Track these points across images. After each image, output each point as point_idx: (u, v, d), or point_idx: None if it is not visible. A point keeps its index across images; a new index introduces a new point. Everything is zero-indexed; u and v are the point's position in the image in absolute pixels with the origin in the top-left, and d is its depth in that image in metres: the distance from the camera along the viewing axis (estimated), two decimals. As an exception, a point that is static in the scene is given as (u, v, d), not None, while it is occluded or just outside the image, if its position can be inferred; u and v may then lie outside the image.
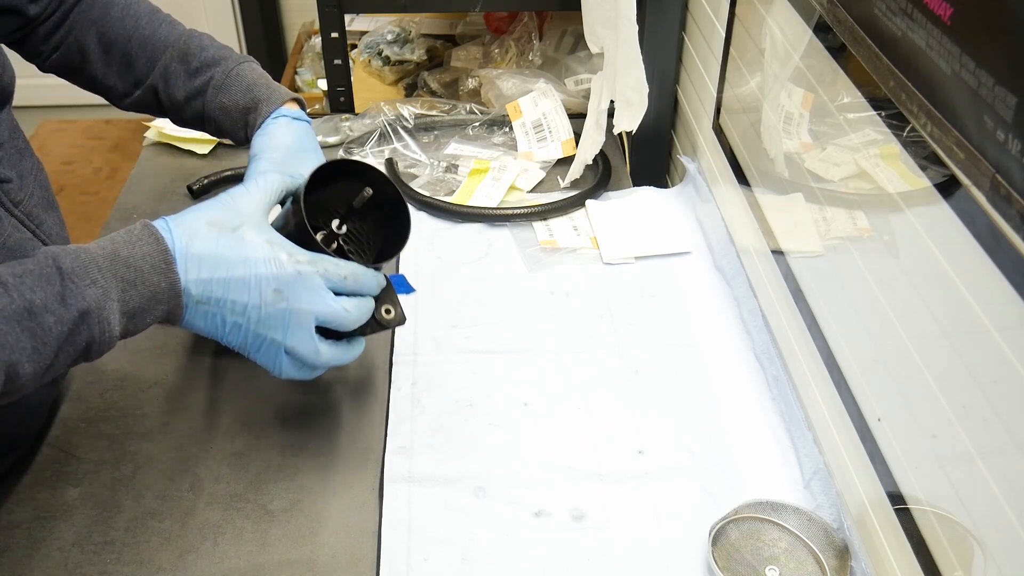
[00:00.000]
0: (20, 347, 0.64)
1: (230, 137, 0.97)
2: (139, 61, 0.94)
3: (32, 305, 0.64)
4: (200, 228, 0.73)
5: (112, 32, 0.94)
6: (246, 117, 0.93)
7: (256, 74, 0.96)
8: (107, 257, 0.69)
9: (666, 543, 0.81)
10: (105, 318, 0.68)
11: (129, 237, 0.71)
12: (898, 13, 0.65)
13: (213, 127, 0.96)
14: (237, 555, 0.81)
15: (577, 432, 0.92)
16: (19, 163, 0.81)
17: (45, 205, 0.84)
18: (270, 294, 0.74)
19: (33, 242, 0.80)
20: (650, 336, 1.04)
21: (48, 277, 0.66)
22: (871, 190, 0.78)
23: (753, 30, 1.03)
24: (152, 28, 0.95)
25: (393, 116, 1.39)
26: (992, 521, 0.60)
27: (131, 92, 0.96)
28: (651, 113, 1.26)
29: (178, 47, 0.94)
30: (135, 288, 0.69)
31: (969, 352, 0.62)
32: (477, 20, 1.76)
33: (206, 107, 0.94)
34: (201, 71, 0.94)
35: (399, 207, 0.87)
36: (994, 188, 0.55)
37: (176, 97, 0.95)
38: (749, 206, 1.06)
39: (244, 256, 0.74)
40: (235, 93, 0.93)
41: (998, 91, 0.53)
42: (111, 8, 0.95)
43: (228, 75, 0.94)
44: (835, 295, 0.84)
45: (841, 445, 0.83)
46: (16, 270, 0.66)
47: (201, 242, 0.73)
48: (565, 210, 1.22)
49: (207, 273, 0.73)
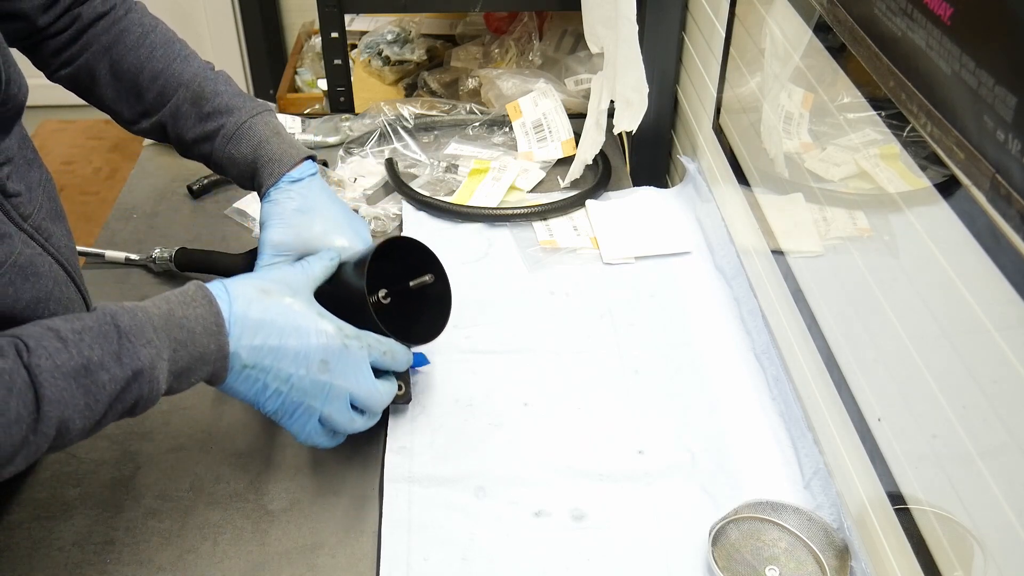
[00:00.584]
0: (74, 403, 0.65)
1: (237, 184, 0.97)
2: (149, 94, 0.94)
3: (89, 362, 0.66)
4: (254, 295, 0.76)
5: (124, 61, 0.93)
6: (254, 171, 0.93)
7: (269, 129, 0.94)
8: (162, 317, 0.71)
9: (666, 543, 0.81)
10: (155, 377, 0.69)
11: (184, 298, 0.73)
12: (898, 13, 0.65)
13: (219, 171, 0.96)
14: (237, 555, 0.81)
15: (577, 432, 0.92)
16: (27, 175, 0.80)
17: (53, 216, 0.83)
18: (316, 365, 0.77)
19: (43, 257, 0.79)
20: (650, 336, 1.04)
21: (106, 335, 0.67)
22: (871, 190, 0.78)
23: (753, 30, 1.03)
24: (166, 62, 0.94)
25: (393, 116, 1.39)
26: (992, 521, 0.60)
27: (138, 121, 0.96)
28: (651, 113, 1.26)
29: (192, 88, 0.93)
30: (185, 348, 0.71)
31: (969, 352, 0.62)
32: (477, 20, 1.76)
33: (214, 153, 0.94)
34: (212, 117, 0.93)
35: (445, 298, 0.90)
36: (994, 188, 0.55)
37: (184, 137, 0.94)
38: (749, 206, 1.06)
39: (296, 325, 0.77)
40: (244, 147, 0.93)
41: (998, 91, 0.53)
42: (125, 35, 0.94)
43: (239, 127, 0.93)
44: (835, 295, 0.84)
45: (841, 445, 0.83)
46: (76, 326, 0.67)
47: (256, 308, 0.75)
48: (565, 210, 1.22)
49: (260, 340, 0.75)
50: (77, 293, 0.84)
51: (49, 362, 0.64)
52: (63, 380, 0.64)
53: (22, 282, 0.76)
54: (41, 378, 0.64)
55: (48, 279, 0.79)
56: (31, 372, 0.64)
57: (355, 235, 0.92)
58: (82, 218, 2.46)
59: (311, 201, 0.91)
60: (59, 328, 0.67)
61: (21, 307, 0.76)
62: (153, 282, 1.12)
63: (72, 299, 0.83)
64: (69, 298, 0.82)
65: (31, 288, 0.77)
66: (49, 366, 0.64)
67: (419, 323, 0.91)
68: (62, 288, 0.81)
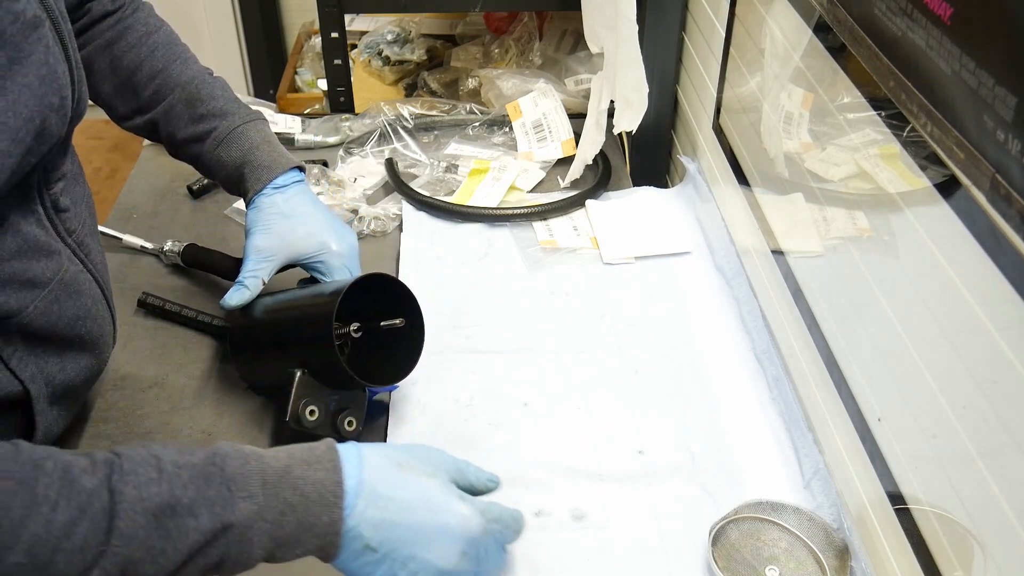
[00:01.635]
0: (148, 544, 0.58)
1: (223, 187, 0.97)
2: (145, 92, 0.94)
3: (178, 503, 0.59)
4: (388, 466, 0.67)
5: (124, 57, 0.93)
6: (241, 176, 0.93)
7: (260, 136, 0.94)
8: (277, 472, 0.63)
9: (666, 543, 0.81)
10: (248, 537, 0.61)
11: (308, 456, 0.65)
12: (898, 13, 0.65)
13: (207, 174, 0.97)
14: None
15: (577, 432, 0.92)
16: (74, 190, 0.80)
17: (91, 232, 0.83)
18: (455, 555, 0.67)
19: (84, 274, 0.79)
20: (650, 336, 1.04)
21: (208, 477, 0.61)
22: (871, 190, 0.78)
23: (753, 30, 1.03)
24: (165, 63, 0.94)
25: (393, 116, 1.39)
26: (992, 521, 0.60)
27: (131, 117, 0.96)
28: (651, 113, 1.26)
29: (188, 90, 0.94)
30: (295, 513, 0.62)
31: (969, 352, 0.62)
32: (477, 20, 1.76)
33: (203, 155, 0.94)
34: (205, 119, 0.93)
35: (417, 342, 0.89)
36: (994, 188, 0.55)
37: (175, 136, 0.94)
38: (749, 206, 1.06)
39: (433, 506, 0.67)
40: (234, 151, 0.93)
41: (998, 91, 0.53)
42: (128, 33, 0.94)
43: (232, 131, 0.93)
44: (835, 295, 0.84)
45: (841, 445, 0.83)
46: (180, 459, 0.61)
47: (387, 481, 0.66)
48: (565, 210, 1.21)
49: (388, 516, 0.65)
50: (108, 311, 0.84)
51: (135, 492, 0.58)
52: (143, 516, 0.58)
53: (66, 299, 0.76)
54: (120, 507, 0.57)
55: (88, 297, 0.80)
56: (113, 498, 0.57)
57: (340, 239, 0.93)
58: (82, 218, 2.46)
59: (294, 207, 0.92)
60: (162, 457, 0.61)
61: (63, 324, 0.77)
62: (161, 272, 1.13)
63: (104, 317, 0.83)
64: (103, 316, 0.83)
65: (73, 305, 0.77)
66: (133, 496, 0.58)
67: (388, 362, 0.90)
68: (99, 306, 0.82)
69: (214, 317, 1.03)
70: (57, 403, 0.80)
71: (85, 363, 0.81)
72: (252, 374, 0.95)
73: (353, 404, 0.87)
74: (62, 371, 0.79)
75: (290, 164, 0.94)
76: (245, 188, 0.93)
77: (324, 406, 0.85)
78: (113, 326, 0.87)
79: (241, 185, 0.93)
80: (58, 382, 0.78)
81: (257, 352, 0.94)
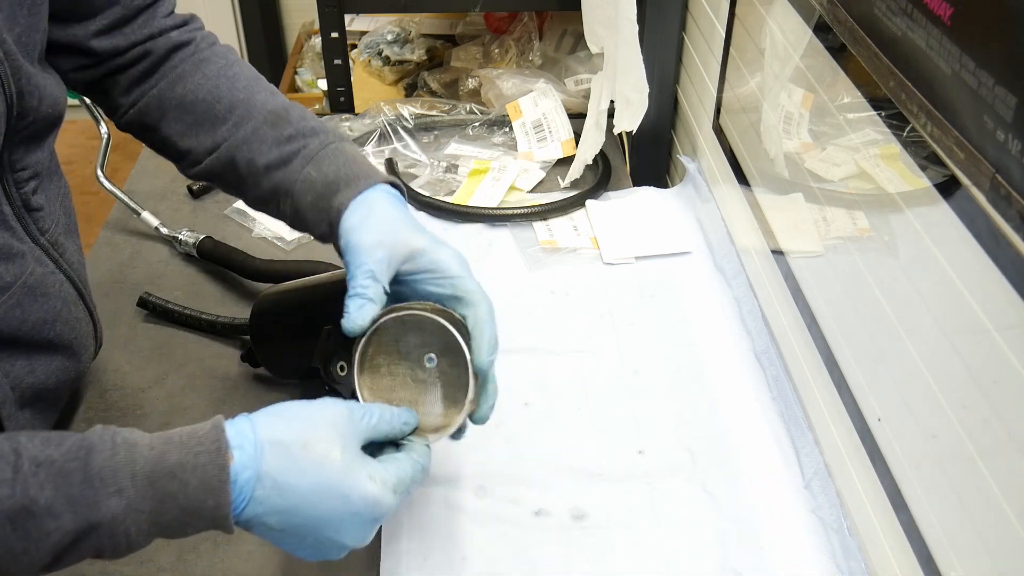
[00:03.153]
0: (8, 546, 0.56)
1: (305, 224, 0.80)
2: (224, 124, 0.82)
3: (33, 505, 0.56)
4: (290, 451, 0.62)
5: (201, 90, 0.83)
6: (333, 194, 0.77)
7: (356, 152, 0.82)
8: (150, 461, 0.59)
9: (666, 543, 0.81)
10: (121, 532, 0.59)
11: (190, 439, 0.61)
12: (898, 13, 0.65)
13: (289, 206, 0.80)
14: (237, 555, 0.81)
15: (577, 432, 0.92)
16: (49, 187, 0.78)
17: (67, 231, 0.81)
18: (366, 534, 0.65)
19: (54, 275, 0.77)
20: (650, 336, 1.04)
21: (68, 475, 0.57)
22: (871, 190, 0.78)
23: (753, 30, 1.03)
24: (248, 92, 0.83)
25: (393, 116, 1.39)
26: (992, 521, 0.60)
27: (203, 159, 0.84)
28: (651, 113, 1.26)
29: (275, 112, 0.82)
30: (175, 501, 0.59)
31: (969, 352, 0.62)
32: (477, 20, 1.76)
33: (287, 178, 0.79)
34: (294, 139, 0.80)
35: None
36: (994, 188, 0.55)
37: (256, 163, 0.80)
38: (749, 206, 1.06)
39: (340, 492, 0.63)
40: (326, 166, 0.78)
41: (998, 91, 0.53)
42: (204, 65, 0.84)
43: (325, 147, 0.80)
44: (835, 295, 0.84)
45: (841, 445, 0.83)
46: (41, 454, 0.58)
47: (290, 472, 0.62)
48: (565, 210, 1.21)
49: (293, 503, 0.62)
50: (85, 312, 0.83)
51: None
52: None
53: (30, 303, 0.74)
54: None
55: (57, 299, 0.77)
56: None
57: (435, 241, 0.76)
58: (82, 218, 2.46)
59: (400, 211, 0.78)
60: (22, 452, 0.58)
61: (28, 328, 0.75)
62: (165, 267, 1.13)
63: (80, 319, 0.81)
64: (77, 318, 0.81)
65: (40, 309, 0.75)
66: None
67: None
68: (70, 308, 0.80)
69: (216, 317, 1.03)
70: (29, 406, 0.78)
71: (58, 365, 0.79)
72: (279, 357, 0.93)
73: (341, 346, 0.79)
74: (31, 374, 0.76)
75: (390, 179, 0.80)
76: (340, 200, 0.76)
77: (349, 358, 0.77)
78: (93, 326, 0.84)
79: (333, 200, 0.77)
80: (27, 385, 0.76)
81: (284, 331, 0.90)
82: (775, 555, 0.80)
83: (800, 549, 0.81)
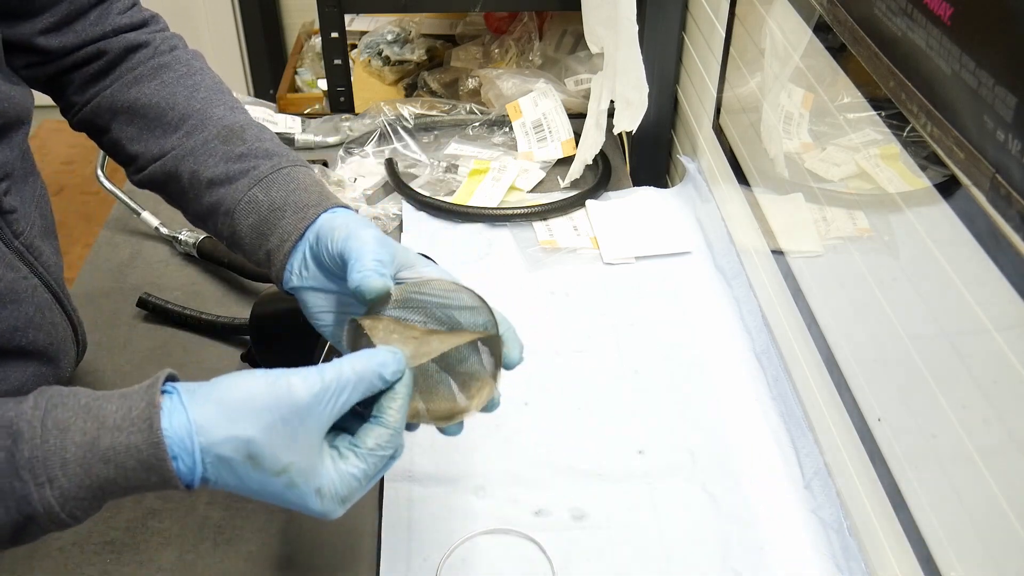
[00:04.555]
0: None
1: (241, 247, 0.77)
2: (175, 133, 0.79)
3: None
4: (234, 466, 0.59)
5: (156, 96, 0.80)
6: (277, 219, 0.74)
7: (310, 178, 0.77)
8: (81, 447, 0.56)
9: (666, 543, 0.81)
10: (67, 515, 0.56)
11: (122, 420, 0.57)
12: (898, 13, 0.65)
13: (227, 227, 0.77)
14: (237, 555, 0.81)
15: (577, 432, 0.92)
16: (23, 188, 0.75)
17: (44, 233, 0.78)
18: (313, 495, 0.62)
19: (27, 280, 0.74)
20: (650, 336, 1.04)
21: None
22: (871, 190, 0.78)
23: (753, 30, 1.03)
24: (205, 104, 0.80)
25: (393, 116, 1.39)
26: (992, 521, 0.60)
27: (149, 165, 0.81)
28: (651, 113, 1.26)
29: (230, 127, 0.79)
30: (115, 484, 0.57)
31: (969, 352, 0.62)
32: (477, 20, 1.76)
33: (229, 196, 0.76)
34: (244, 158, 0.77)
35: None
36: (994, 188, 0.55)
37: (200, 176, 0.77)
38: (749, 206, 1.06)
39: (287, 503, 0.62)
40: (275, 191, 0.75)
41: (998, 91, 0.53)
42: (163, 71, 0.82)
43: (277, 170, 0.76)
44: (835, 295, 0.84)
45: (841, 445, 0.83)
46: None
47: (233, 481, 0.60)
48: (565, 210, 1.22)
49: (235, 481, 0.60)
50: (63, 316, 0.80)
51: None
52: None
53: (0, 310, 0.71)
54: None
55: (30, 305, 0.74)
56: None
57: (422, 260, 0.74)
58: (82, 218, 2.46)
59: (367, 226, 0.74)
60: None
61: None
62: (164, 267, 1.13)
63: (57, 323, 0.78)
64: (53, 323, 0.78)
65: (10, 316, 0.72)
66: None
67: None
68: (45, 313, 0.76)
69: (216, 317, 1.03)
70: None
71: (33, 372, 0.76)
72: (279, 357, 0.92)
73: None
74: (3, 381, 0.73)
75: (343, 204, 0.77)
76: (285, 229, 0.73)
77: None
78: (74, 331, 0.82)
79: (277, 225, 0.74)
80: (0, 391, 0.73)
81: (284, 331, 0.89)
82: (775, 555, 0.80)
83: (800, 549, 0.81)
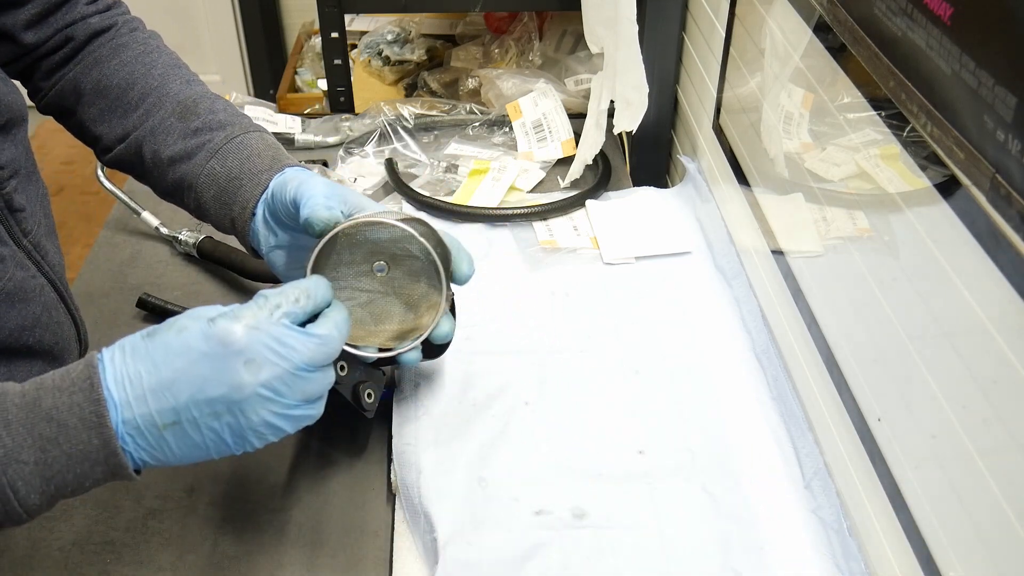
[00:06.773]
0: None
1: (208, 218, 0.82)
2: (135, 112, 0.82)
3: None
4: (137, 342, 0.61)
5: (116, 76, 0.83)
6: (236, 189, 0.78)
7: (263, 143, 0.81)
8: (23, 408, 0.57)
9: (666, 543, 0.81)
10: (8, 485, 0.56)
11: (63, 380, 0.59)
12: (898, 13, 0.65)
13: (193, 200, 0.81)
14: (237, 555, 0.81)
15: (577, 431, 0.92)
16: (28, 188, 0.76)
17: (47, 233, 0.79)
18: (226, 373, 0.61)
19: (35, 280, 0.75)
20: (650, 336, 1.04)
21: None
22: (871, 190, 0.78)
23: (753, 30, 1.03)
24: (162, 80, 0.83)
25: (393, 116, 1.39)
26: (992, 521, 0.60)
27: (115, 146, 0.84)
28: (651, 113, 1.26)
29: (184, 103, 0.82)
30: (58, 447, 0.57)
31: (969, 352, 0.62)
32: (477, 20, 1.77)
33: (190, 172, 0.80)
34: (199, 132, 0.80)
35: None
36: (994, 188, 0.55)
37: (161, 155, 0.81)
38: (749, 206, 1.06)
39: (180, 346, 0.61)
40: (230, 161, 0.79)
41: (998, 91, 0.53)
42: (122, 51, 0.84)
43: (230, 140, 0.80)
44: (835, 295, 0.84)
45: (841, 445, 0.83)
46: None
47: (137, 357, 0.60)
48: (565, 210, 1.22)
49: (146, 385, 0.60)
50: (67, 315, 0.81)
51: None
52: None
53: (7, 309, 0.72)
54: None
55: (37, 304, 0.76)
56: None
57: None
58: (83, 218, 2.46)
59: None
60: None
61: (6, 335, 0.73)
62: (164, 267, 1.13)
63: (62, 322, 0.80)
64: (58, 322, 0.79)
65: (18, 315, 0.73)
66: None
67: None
68: (51, 312, 0.78)
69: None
70: None
71: (39, 370, 0.76)
72: None
73: (371, 379, 0.84)
74: (10, 379, 0.73)
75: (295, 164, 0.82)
76: (244, 197, 0.78)
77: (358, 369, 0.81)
78: (77, 330, 0.83)
79: (237, 195, 0.78)
80: None
81: None
82: (775, 555, 0.80)
83: (800, 549, 0.81)
